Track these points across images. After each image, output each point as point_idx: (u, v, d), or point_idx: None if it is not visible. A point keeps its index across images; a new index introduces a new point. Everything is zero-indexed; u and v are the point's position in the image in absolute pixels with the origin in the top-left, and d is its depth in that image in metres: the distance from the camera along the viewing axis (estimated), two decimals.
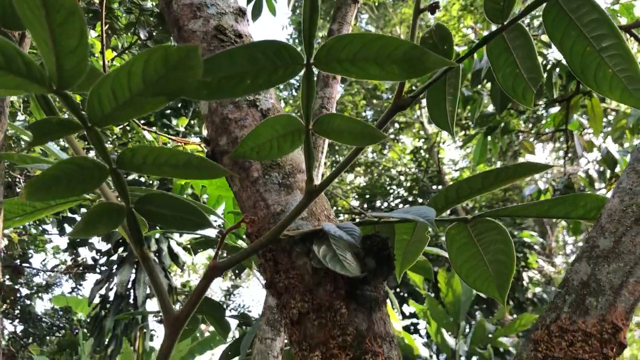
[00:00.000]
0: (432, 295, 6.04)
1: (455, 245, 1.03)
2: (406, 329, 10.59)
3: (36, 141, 0.73)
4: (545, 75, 4.24)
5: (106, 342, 8.80)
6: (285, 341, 1.60)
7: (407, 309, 11.24)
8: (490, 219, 0.98)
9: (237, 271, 2.73)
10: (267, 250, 0.87)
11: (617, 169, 4.66)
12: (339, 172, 0.81)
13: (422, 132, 15.51)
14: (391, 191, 15.24)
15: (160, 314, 1.04)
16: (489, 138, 4.73)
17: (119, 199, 0.85)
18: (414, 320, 11.20)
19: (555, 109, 4.65)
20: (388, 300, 3.11)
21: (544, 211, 0.94)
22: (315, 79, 0.82)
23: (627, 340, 0.80)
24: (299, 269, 0.85)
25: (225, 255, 2.94)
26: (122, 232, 1.13)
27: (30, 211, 1.22)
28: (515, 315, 10.51)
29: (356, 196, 15.07)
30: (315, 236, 0.86)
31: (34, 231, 10.78)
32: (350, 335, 0.81)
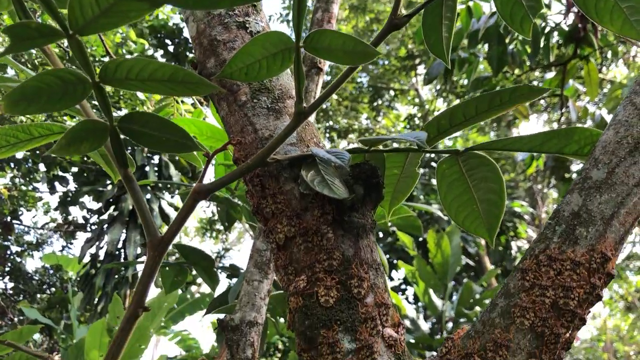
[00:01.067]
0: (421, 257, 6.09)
1: (446, 182, 1.01)
2: (394, 290, 10.70)
3: (14, 47, 0.70)
4: (542, 39, 4.19)
5: (96, 300, 8.84)
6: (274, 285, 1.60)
7: (396, 275, 11.35)
8: (482, 154, 0.96)
9: (226, 224, 2.72)
10: (254, 175, 0.85)
11: None
12: (330, 93, 0.78)
13: (416, 100, 15.44)
14: None
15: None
16: None
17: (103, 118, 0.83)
18: (402, 287, 11.31)
19: (551, 74, 4.61)
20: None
21: (537, 145, 0.92)
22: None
23: (615, 272, 0.79)
24: (286, 194, 0.84)
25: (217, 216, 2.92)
26: (100, 161, 1.11)
27: (14, 142, 1.20)
28: None
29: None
30: (304, 162, 0.84)
31: (24, 188, 10.71)
32: (337, 260, 0.80)
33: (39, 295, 12.67)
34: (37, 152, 9.47)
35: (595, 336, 19.36)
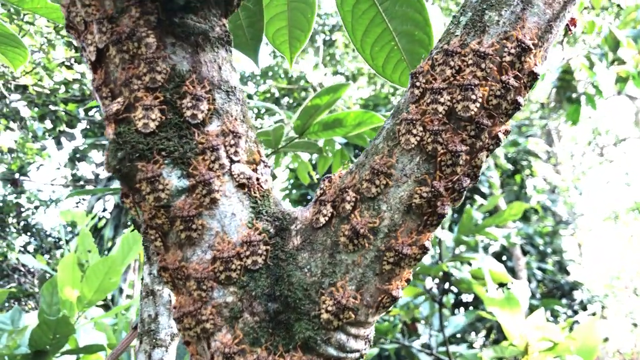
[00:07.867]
0: None
1: (349, 3, 0.79)
2: None
3: None
4: None
5: (106, 252, 8.85)
6: None
7: None
8: None
9: None
10: None
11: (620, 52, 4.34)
12: None
13: None
14: (395, 102, 14.90)
15: None
16: None
17: None
18: None
19: None
20: None
21: None
22: None
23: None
24: None
25: None
26: None
27: None
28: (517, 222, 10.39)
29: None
30: None
31: (29, 145, 10.63)
32: (162, 74, 0.59)
33: (57, 252, 12.81)
34: (36, 107, 9.30)
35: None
